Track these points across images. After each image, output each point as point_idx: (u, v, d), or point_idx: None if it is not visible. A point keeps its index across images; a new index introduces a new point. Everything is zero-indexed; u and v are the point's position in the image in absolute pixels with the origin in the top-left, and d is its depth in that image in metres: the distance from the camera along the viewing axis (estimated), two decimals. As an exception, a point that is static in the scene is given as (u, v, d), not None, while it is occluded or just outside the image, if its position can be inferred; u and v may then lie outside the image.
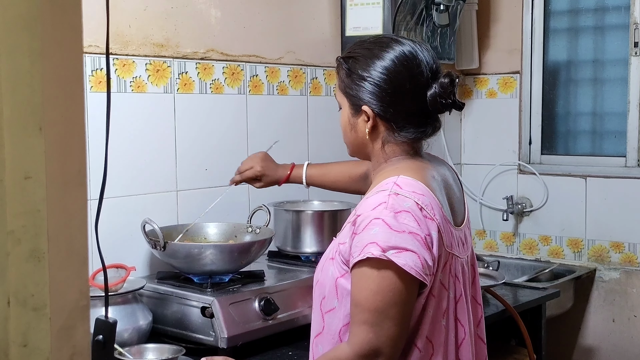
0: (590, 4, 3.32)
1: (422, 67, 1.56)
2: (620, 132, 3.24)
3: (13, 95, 0.67)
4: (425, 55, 1.58)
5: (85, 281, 0.76)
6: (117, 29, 2.22)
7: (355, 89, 1.58)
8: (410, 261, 1.41)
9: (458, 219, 1.61)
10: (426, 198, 1.48)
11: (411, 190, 1.47)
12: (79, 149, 0.73)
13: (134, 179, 2.29)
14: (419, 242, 1.43)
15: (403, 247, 1.41)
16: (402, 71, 1.55)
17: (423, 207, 1.46)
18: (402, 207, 1.44)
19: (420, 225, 1.44)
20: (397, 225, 1.42)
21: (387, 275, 1.42)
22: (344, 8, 2.88)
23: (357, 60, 1.59)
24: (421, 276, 1.42)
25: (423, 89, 1.55)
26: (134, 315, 1.98)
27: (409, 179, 1.50)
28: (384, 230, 1.42)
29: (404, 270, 1.41)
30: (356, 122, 1.60)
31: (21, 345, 0.69)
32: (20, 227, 0.69)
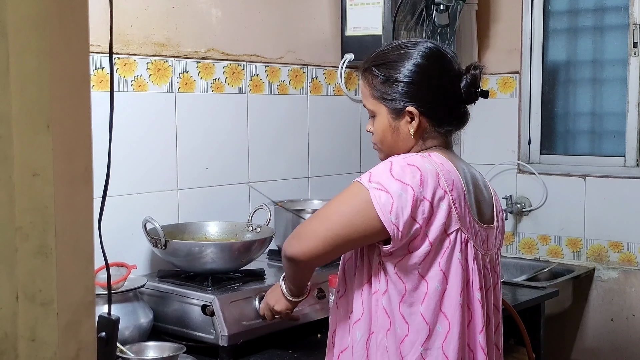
0: (589, 4, 3.33)
1: (450, 60, 1.65)
2: (619, 132, 3.25)
3: (21, 93, 0.68)
4: (448, 49, 1.68)
5: (91, 277, 0.77)
6: (118, 28, 2.23)
7: (394, 94, 1.63)
8: (382, 200, 1.49)
9: (484, 218, 1.66)
10: (450, 174, 1.56)
11: (439, 162, 1.57)
12: (86, 147, 0.74)
13: (135, 178, 2.30)
14: (408, 197, 1.49)
15: (387, 189, 1.49)
16: (434, 65, 1.63)
17: (441, 177, 1.53)
18: (418, 164, 1.53)
19: (422, 186, 1.50)
20: (397, 173, 1.51)
21: (357, 193, 1.52)
22: (344, 8, 2.89)
23: (388, 65, 1.64)
24: (383, 218, 1.48)
25: (456, 80, 1.64)
26: (135, 313, 1.99)
27: (438, 156, 1.59)
28: (384, 170, 1.53)
29: (371, 203, 1.49)
30: (398, 125, 1.64)
31: (29, 340, 0.70)
32: (28, 224, 0.70)
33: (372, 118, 1.70)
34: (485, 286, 1.65)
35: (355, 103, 3.03)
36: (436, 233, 1.52)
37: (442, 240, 1.54)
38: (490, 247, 1.68)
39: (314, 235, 1.53)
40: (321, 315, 2.16)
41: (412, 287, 1.53)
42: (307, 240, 1.54)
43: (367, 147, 3.09)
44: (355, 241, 1.55)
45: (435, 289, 1.54)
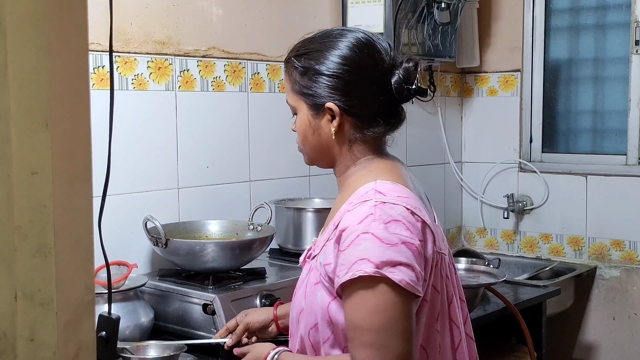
0: (591, 2, 3.33)
1: (382, 52, 1.44)
2: (621, 130, 3.24)
3: (20, 91, 0.68)
4: (382, 41, 1.47)
5: (90, 277, 0.76)
6: (119, 26, 2.23)
7: (314, 87, 1.45)
8: (406, 276, 1.30)
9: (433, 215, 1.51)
10: (412, 200, 1.38)
11: (396, 195, 1.37)
12: (85, 145, 0.74)
13: (136, 177, 2.29)
14: (413, 253, 1.32)
15: (397, 261, 1.30)
16: (362, 57, 1.43)
17: (413, 210, 1.36)
18: (391, 216, 1.33)
19: (413, 232, 1.33)
20: (389, 237, 1.31)
21: (384, 291, 1.30)
22: (345, 6, 2.88)
23: (311, 55, 1.47)
24: (416, 290, 1.32)
25: (387, 75, 1.44)
26: (136, 312, 1.99)
27: (389, 183, 1.40)
28: (375, 245, 1.30)
29: (400, 286, 1.29)
30: (319, 124, 1.47)
31: (28, 340, 0.69)
32: (27, 223, 0.69)
33: (294, 116, 1.54)
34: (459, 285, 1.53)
35: (356, 101, 3.02)
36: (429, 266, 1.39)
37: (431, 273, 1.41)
38: (448, 243, 1.52)
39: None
40: (322, 314, 2.16)
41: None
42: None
43: (368, 145, 3.09)
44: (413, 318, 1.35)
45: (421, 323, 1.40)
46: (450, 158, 3.47)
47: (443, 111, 3.44)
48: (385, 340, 1.30)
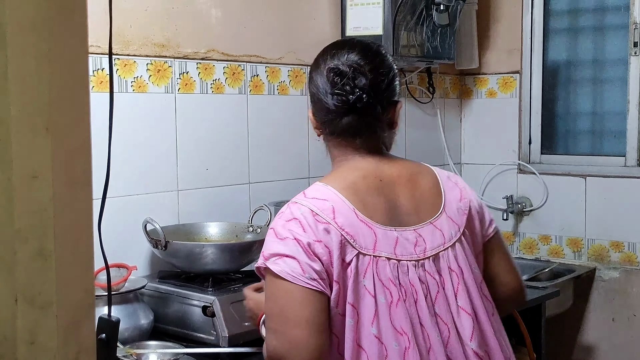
0: (590, 4, 3.33)
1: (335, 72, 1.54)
2: (620, 132, 3.24)
3: (20, 96, 0.68)
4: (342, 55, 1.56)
5: (90, 280, 0.76)
6: (118, 29, 2.23)
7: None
8: (287, 267, 1.40)
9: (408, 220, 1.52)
10: (327, 203, 1.46)
11: (312, 196, 1.48)
12: (85, 149, 0.74)
13: (135, 179, 2.29)
14: (303, 248, 1.41)
15: (283, 254, 1.41)
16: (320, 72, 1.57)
17: (318, 212, 1.44)
18: (293, 215, 1.45)
19: (306, 231, 1.42)
20: (282, 232, 1.44)
21: (270, 281, 1.43)
22: (344, 8, 2.89)
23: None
24: (299, 280, 1.39)
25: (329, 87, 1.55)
26: (136, 315, 1.99)
27: (319, 185, 1.51)
28: (271, 239, 1.46)
29: (281, 276, 1.40)
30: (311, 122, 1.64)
31: (29, 343, 0.70)
32: (27, 226, 0.70)
33: None
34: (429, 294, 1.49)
35: (355, 103, 3.02)
36: (338, 268, 1.42)
37: (344, 273, 1.43)
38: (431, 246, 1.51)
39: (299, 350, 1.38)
40: (322, 316, 2.16)
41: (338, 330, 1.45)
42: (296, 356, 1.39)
43: (367, 147, 3.09)
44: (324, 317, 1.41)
45: (349, 324, 1.43)
46: (450, 159, 3.48)
47: (442, 113, 3.45)
48: (278, 325, 1.41)
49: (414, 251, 1.49)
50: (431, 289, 1.50)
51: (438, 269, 1.52)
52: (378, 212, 1.49)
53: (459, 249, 1.55)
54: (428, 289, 1.49)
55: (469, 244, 1.58)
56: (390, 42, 2.80)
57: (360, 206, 1.48)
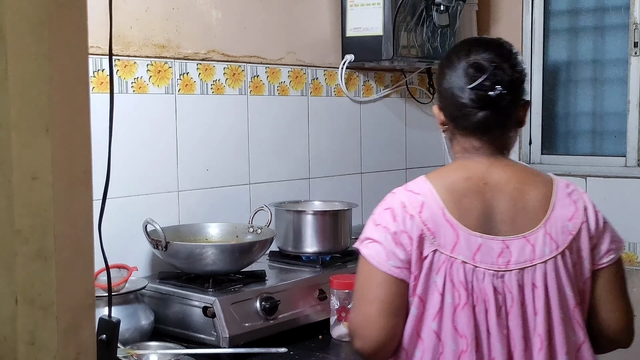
0: (590, 4, 3.33)
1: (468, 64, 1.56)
2: (620, 132, 3.24)
3: (20, 97, 0.68)
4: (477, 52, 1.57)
5: (90, 280, 0.76)
6: (118, 30, 2.23)
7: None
8: (373, 251, 1.52)
9: (499, 228, 1.51)
10: (419, 197, 1.53)
11: (409, 189, 1.56)
12: (85, 150, 0.74)
13: (136, 180, 2.29)
14: (389, 236, 1.51)
15: (373, 239, 1.53)
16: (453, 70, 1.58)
17: (406, 204, 1.53)
18: (390, 204, 1.56)
19: (395, 221, 1.52)
20: (378, 219, 1.55)
21: (360, 261, 1.56)
22: (344, 9, 2.89)
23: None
24: (383, 266, 1.50)
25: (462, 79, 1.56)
26: (136, 315, 1.99)
27: (421, 179, 1.58)
28: (370, 224, 1.57)
29: (367, 260, 1.53)
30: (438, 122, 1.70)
31: (29, 344, 0.70)
32: (27, 227, 0.70)
33: None
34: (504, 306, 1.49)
35: (355, 104, 3.02)
36: (415, 260, 1.49)
37: (419, 265, 1.49)
38: (516, 260, 1.49)
39: (366, 324, 1.52)
40: (322, 317, 2.16)
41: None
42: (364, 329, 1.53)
43: (367, 148, 3.09)
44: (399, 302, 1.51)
45: (412, 313, 1.51)
46: (450, 160, 3.47)
47: (442, 113, 3.44)
48: (357, 300, 1.56)
49: (496, 261, 1.49)
50: (507, 302, 1.49)
51: (520, 284, 1.50)
52: (469, 215, 1.51)
53: (551, 268, 1.51)
54: (504, 300, 1.49)
55: (566, 265, 1.53)
56: (391, 42, 2.80)
57: (452, 206, 1.51)
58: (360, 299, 1.54)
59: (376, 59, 2.86)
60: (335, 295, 2.11)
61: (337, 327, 2.11)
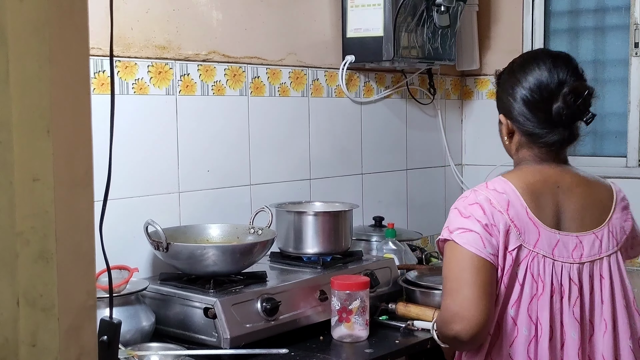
0: (590, 4, 3.33)
1: (551, 83, 1.72)
2: (620, 133, 3.24)
3: (22, 99, 0.68)
4: (560, 70, 1.73)
5: (92, 282, 0.77)
6: (119, 31, 2.23)
7: (500, 100, 1.82)
8: (471, 239, 1.63)
9: (571, 225, 1.72)
10: (504, 195, 1.68)
11: (493, 188, 1.70)
12: (86, 151, 0.74)
13: (136, 181, 2.30)
14: (482, 227, 1.64)
15: (467, 228, 1.65)
16: (533, 88, 1.73)
17: (493, 202, 1.67)
18: (475, 200, 1.68)
19: (486, 214, 1.65)
20: (465, 212, 1.67)
21: (453, 249, 1.66)
22: (344, 9, 2.89)
23: (502, 76, 1.83)
24: (480, 252, 1.63)
25: (550, 102, 1.71)
26: (137, 316, 1.99)
27: (501, 179, 1.73)
28: (455, 217, 1.69)
29: (463, 246, 1.63)
30: (501, 128, 1.84)
31: (30, 345, 0.70)
32: (29, 229, 0.70)
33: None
34: (580, 296, 1.69)
35: (356, 105, 3.02)
36: (501, 252, 1.65)
37: (505, 258, 1.66)
38: (588, 253, 1.72)
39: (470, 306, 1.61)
40: (323, 318, 2.16)
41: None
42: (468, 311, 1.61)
43: (368, 148, 3.09)
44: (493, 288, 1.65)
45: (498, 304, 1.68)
46: (451, 161, 3.48)
47: (443, 114, 3.45)
48: (455, 286, 1.64)
49: (572, 255, 1.70)
50: (582, 292, 1.70)
51: (590, 275, 1.72)
52: (546, 214, 1.70)
53: (614, 261, 1.75)
54: (579, 290, 1.70)
55: (623, 260, 1.78)
56: (391, 43, 2.80)
57: (533, 206, 1.69)
58: (458, 283, 1.63)
59: (377, 59, 2.87)
60: (336, 296, 2.11)
61: (338, 328, 2.11)
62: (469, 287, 1.62)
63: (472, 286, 1.62)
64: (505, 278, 1.67)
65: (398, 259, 2.60)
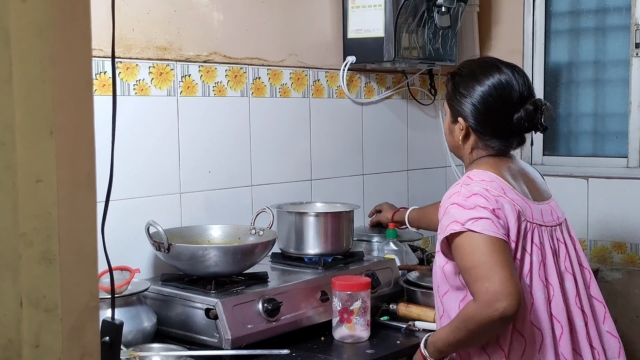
0: (591, 5, 3.33)
1: (513, 94, 1.87)
2: (621, 133, 3.24)
3: (25, 100, 0.68)
4: (519, 83, 1.88)
5: (95, 283, 0.77)
6: (120, 32, 2.24)
7: (456, 103, 1.92)
8: (485, 225, 1.72)
9: (542, 197, 1.94)
10: (494, 183, 1.81)
11: (480, 179, 1.81)
12: (89, 152, 0.74)
13: (138, 182, 2.30)
14: (489, 212, 1.74)
15: (478, 217, 1.73)
16: (495, 97, 1.87)
17: (489, 189, 1.78)
18: (471, 192, 1.78)
19: (489, 201, 1.76)
20: (468, 204, 1.75)
21: (471, 238, 1.72)
22: (345, 10, 2.89)
23: (462, 78, 1.92)
24: (498, 234, 1.72)
25: (511, 112, 1.86)
26: (139, 317, 2.00)
27: (480, 171, 1.85)
28: (459, 211, 1.75)
29: (481, 233, 1.71)
30: (453, 128, 1.95)
31: (33, 346, 0.70)
32: (32, 230, 0.70)
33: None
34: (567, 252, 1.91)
35: (357, 105, 3.03)
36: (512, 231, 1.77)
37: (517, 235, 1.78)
38: (555, 218, 1.92)
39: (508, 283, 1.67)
40: (324, 318, 2.16)
41: None
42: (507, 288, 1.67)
43: (369, 149, 3.10)
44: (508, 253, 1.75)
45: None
46: (452, 161, 3.48)
47: (444, 114, 3.44)
48: (487, 270, 1.69)
49: (552, 218, 1.91)
50: (568, 248, 1.92)
51: (564, 234, 1.94)
52: (524, 190, 1.88)
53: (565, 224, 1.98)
54: (566, 248, 1.91)
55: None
56: (392, 44, 2.80)
57: (516, 185, 1.86)
58: (489, 267, 1.69)
59: (378, 60, 2.87)
60: (337, 297, 2.11)
61: (339, 329, 2.12)
62: (502, 267, 1.69)
63: (503, 266, 1.69)
64: (517, 253, 1.79)
65: (399, 260, 2.60)
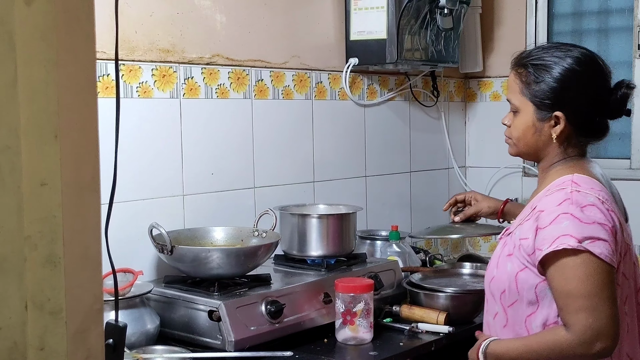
0: (594, 6, 3.33)
1: (604, 70, 1.72)
2: (624, 134, 3.24)
3: (29, 103, 0.69)
4: (601, 59, 1.74)
5: (99, 285, 0.77)
6: (123, 35, 2.24)
7: (546, 95, 1.71)
8: (604, 249, 1.56)
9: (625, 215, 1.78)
10: (604, 193, 1.65)
11: (589, 187, 1.64)
12: (93, 155, 0.74)
13: (141, 184, 2.30)
14: (608, 231, 1.58)
15: (596, 237, 1.56)
16: (588, 73, 1.70)
17: (604, 201, 1.63)
18: (586, 201, 1.61)
19: (605, 216, 1.60)
20: (585, 217, 1.58)
21: (589, 262, 1.56)
22: (348, 12, 2.89)
23: (544, 67, 1.72)
24: (613, 262, 1.57)
25: (607, 94, 1.72)
26: (142, 319, 2.00)
27: (584, 177, 1.67)
28: (575, 224, 1.57)
29: (600, 258, 1.55)
30: (542, 126, 1.75)
31: (38, 349, 0.70)
32: (36, 233, 0.70)
33: (513, 113, 1.81)
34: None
35: (360, 107, 3.03)
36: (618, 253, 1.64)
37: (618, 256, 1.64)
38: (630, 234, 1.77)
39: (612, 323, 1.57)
40: (327, 320, 2.16)
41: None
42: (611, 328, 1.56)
43: (372, 151, 3.10)
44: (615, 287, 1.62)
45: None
46: (454, 163, 3.48)
47: (447, 116, 3.45)
48: (596, 303, 1.55)
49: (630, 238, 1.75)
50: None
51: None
52: (619, 204, 1.75)
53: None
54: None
55: None
56: (394, 46, 2.80)
57: (615, 195, 1.75)
58: (600, 300, 1.56)
59: (380, 62, 2.87)
60: (340, 299, 2.11)
61: (342, 331, 2.12)
62: (611, 304, 1.57)
63: (612, 302, 1.57)
64: (619, 278, 1.65)
65: (402, 262, 2.61)
